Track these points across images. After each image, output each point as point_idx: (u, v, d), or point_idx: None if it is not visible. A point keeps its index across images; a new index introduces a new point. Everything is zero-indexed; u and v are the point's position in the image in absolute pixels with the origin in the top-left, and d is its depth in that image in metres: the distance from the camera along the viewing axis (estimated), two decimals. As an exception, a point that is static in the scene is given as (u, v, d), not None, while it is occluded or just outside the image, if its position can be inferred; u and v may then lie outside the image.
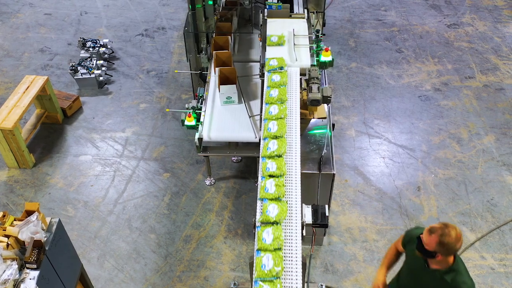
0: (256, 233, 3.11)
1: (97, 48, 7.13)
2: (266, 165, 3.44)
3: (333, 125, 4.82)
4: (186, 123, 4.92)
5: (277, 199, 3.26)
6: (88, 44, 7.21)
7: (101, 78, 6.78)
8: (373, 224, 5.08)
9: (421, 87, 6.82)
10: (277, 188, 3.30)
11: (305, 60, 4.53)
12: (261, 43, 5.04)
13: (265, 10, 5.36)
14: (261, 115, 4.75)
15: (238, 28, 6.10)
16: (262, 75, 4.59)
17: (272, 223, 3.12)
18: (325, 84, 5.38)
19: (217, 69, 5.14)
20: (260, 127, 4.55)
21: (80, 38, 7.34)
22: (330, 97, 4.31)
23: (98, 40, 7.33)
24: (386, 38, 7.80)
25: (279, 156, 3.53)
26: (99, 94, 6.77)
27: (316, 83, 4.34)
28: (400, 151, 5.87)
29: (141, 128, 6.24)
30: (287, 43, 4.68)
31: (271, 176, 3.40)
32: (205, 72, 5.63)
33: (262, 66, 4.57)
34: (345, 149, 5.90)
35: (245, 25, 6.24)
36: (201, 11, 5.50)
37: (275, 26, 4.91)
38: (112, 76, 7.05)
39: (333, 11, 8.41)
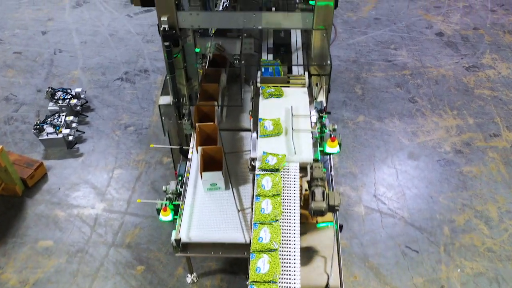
0: (256, 180, 3.41)
1: (68, 100, 6.23)
2: (264, 124, 3.77)
3: (341, 226, 3.92)
4: (161, 217, 4.04)
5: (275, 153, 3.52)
6: (58, 94, 6.31)
7: (70, 138, 5.86)
8: None
9: (440, 148, 5.91)
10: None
11: (307, 152, 3.63)
12: (252, 121, 4.16)
13: (258, 72, 4.49)
14: (252, 211, 3.86)
15: (227, 85, 5.20)
16: (252, 169, 3.70)
17: (271, 170, 3.44)
18: (330, 161, 4.49)
19: (199, 148, 4.24)
20: (251, 226, 3.65)
21: (49, 88, 6.41)
22: (338, 206, 3.41)
23: (70, 89, 6.41)
24: (397, 83, 6.89)
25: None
26: (68, 156, 5.86)
27: (320, 185, 3.43)
28: (418, 236, 4.96)
29: (114, 202, 5.32)
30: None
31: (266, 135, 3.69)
32: (186, 147, 4.71)
33: (253, 160, 3.68)
34: (354, 232, 4.99)
35: (236, 81, 5.34)
36: (181, 72, 4.58)
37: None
38: (84, 132, 6.14)
39: (337, 49, 7.50)
